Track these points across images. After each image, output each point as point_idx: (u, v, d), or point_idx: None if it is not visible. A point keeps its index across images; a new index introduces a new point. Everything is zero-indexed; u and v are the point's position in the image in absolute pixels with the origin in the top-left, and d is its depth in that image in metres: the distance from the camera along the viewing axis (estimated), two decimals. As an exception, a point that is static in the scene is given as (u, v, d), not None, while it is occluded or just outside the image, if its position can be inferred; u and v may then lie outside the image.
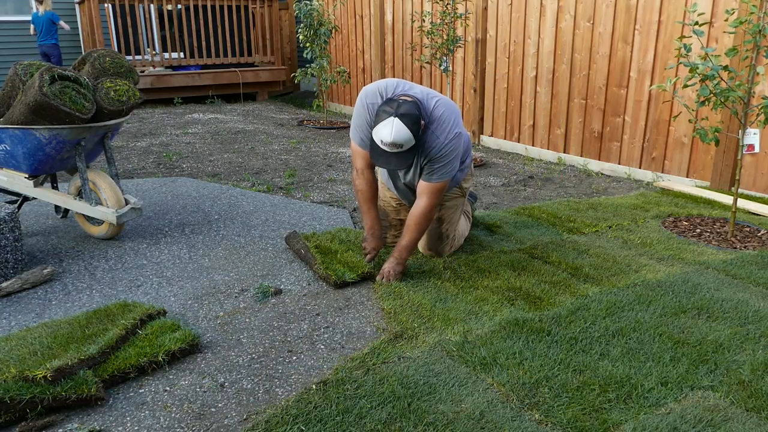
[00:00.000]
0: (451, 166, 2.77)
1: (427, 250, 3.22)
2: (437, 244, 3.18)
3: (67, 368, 2.00)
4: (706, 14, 4.42)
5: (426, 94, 2.78)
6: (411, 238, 2.87)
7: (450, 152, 2.73)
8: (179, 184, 4.73)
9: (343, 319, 2.58)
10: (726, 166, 4.46)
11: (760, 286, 2.87)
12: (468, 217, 3.45)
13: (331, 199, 4.36)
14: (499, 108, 6.33)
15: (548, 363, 2.18)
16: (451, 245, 3.22)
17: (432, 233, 3.15)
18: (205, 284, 2.92)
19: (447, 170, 2.77)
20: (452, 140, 2.72)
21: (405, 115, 2.56)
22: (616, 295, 2.72)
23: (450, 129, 2.72)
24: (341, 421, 1.87)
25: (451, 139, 2.71)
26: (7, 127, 3.10)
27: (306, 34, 7.32)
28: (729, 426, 1.85)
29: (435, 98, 2.78)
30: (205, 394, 2.05)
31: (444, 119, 2.72)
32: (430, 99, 2.77)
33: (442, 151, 2.72)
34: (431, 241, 3.18)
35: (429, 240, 3.18)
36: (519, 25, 5.89)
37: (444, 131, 2.71)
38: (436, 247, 3.19)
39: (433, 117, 2.73)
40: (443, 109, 2.74)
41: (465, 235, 3.36)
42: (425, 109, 2.72)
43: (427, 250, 3.22)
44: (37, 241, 3.47)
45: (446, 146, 2.71)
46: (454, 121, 2.74)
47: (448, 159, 2.74)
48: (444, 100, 2.80)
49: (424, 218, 2.83)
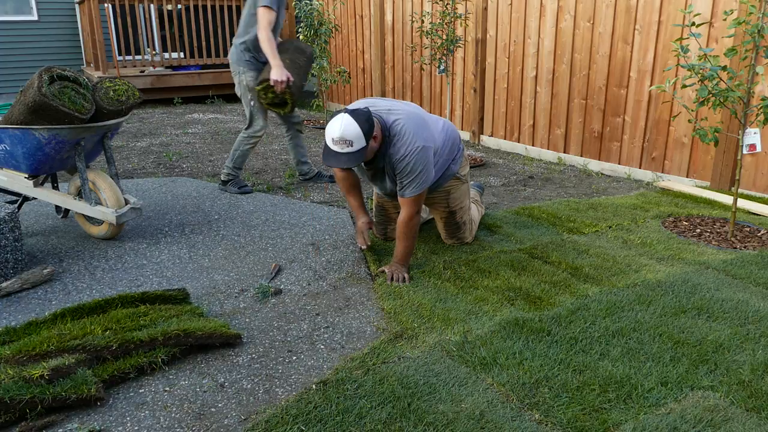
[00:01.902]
0: (421, 179, 2.78)
1: (449, 240, 3.37)
2: (457, 233, 3.33)
3: (64, 368, 2.00)
4: (705, 15, 4.42)
5: (388, 109, 2.82)
6: (404, 246, 2.94)
7: (415, 166, 2.74)
8: (179, 184, 4.73)
9: (343, 319, 2.58)
10: (726, 166, 4.46)
11: (760, 286, 2.87)
12: (479, 205, 3.60)
13: (331, 199, 4.36)
14: (499, 108, 6.33)
15: (548, 363, 2.18)
16: (471, 230, 3.37)
17: (449, 225, 3.31)
18: (205, 284, 2.92)
19: (418, 183, 2.78)
20: (415, 153, 2.73)
21: (355, 111, 2.60)
22: (616, 295, 2.72)
23: (411, 142, 2.73)
24: (341, 421, 1.87)
25: (412, 152, 2.72)
26: (7, 127, 3.10)
27: (306, 34, 7.31)
28: (729, 426, 1.85)
29: (397, 111, 2.80)
30: (205, 394, 2.05)
31: (404, 133, 2.74)
32: (391, 114, 2.79)
33: (407, 166, 2.74)
34: (450, 232, 3.34)
35: (448, 232, 3.34)
36: (519, 25, 5.89)
37: (405, 145, 2.73)
38: (456, 236, 3.34)
39: (393, 131, 2.76)
40: (403, 123, 2.76)
41: (478, 219, 3.49)
42: (385, 122, 2.76)
43: (449, 239, 3.37)
44: (37, 241, 3.47)
45: (410, 159, 2.73)
46: (414, 133, 2.74)
47: (416, 173, 2.76)
48: (406, 114, 2.80)
49: (407, 227, 2.90)
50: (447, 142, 3.07)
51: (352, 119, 2.59)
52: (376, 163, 2.85)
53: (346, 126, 2.58)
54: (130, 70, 8.85)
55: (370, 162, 2.86)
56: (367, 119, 2.63)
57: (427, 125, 2.87)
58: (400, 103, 2.93)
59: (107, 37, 9.38)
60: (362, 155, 2.64)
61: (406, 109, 2.85)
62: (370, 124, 2.63)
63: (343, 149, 2.62)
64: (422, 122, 2.84)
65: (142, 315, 2.40)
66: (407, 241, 2.92)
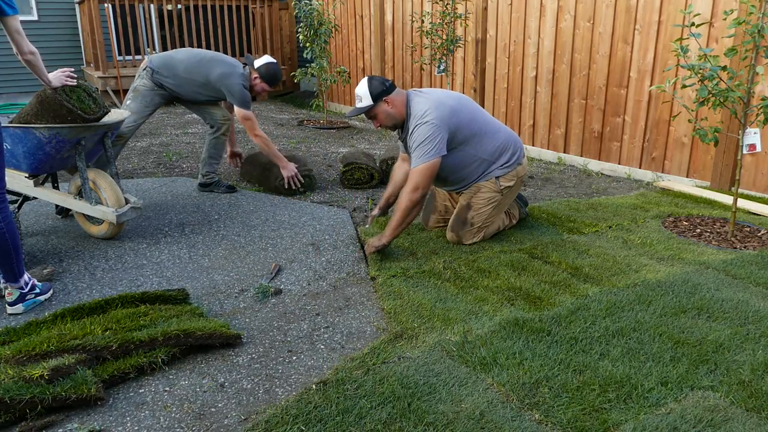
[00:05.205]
0: (423, 150, 3.04)
1: (450, 232, 3.40)
2: (459, 228, 3.37)
3: (64, 368, 2.00)
4: (705, 15, 4.42)
5: (420, 92, 3.22)
6: (395, 218, 3.11)
7: (418, 136, 3.07)
8: (179, 184, 4.73)
9: (343, 319, 2.58)
10: (726, 166, 4.46)
11: (760, 286, 2.87)
12: (507, 215, 3.61)
13: (331, 199, 4.36)
14: (499, 108, 6.33)
15: (548, 363, 2.18)
16: (474, 235, 3.38)
17: (458, 216, 3.37)
18: (205, 284, 2.92)
19: (420, 153, 3.06)
20: (419, 126, 3.08)
21: (373, 78, 3.15)
22: (616, 295, 2.72)
23: (421, 117, 3.08)
24: (341, 421, 1.86)
25: (418, 125, 3.08)
26: (8, 126, 3.10)
27: (306, 33, 7.31)
28: (729, 426, 1.85)
29: (424, 94, 3.20)
30: (205, 394, 2.05)
31: (416, 108, 3.13)
32: (419, 95, 3.19)
33: (412, 136, 3.11)
34: (455, 223, 3.39)
35: (453, 222, 3.40)
36: (519, 25, 5.89)
37: (414, 118, 3.11)
38: (457, 231, 3.38)
39: (410, 106, 3.17)
40: (421, 101, 3.14)
41: (493, 232, 3.50)
42: (409, 100, 3.18)
43: (450, 231, 3.40)
44: (37, 241, 3.47)
45: (415, 131, 3.09)
46: (425, 111, 3.08)
47: (418, 143, 3.06)
48: (433, 97, 3.16)
49: (405, 197, 3.08)
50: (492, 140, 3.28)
51: (366, 80, 3.14)
52: (404, 136, 3.27)
53: (361, 85, 3.15)
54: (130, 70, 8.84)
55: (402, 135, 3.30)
56: (381, 84, 3.12)
57: (447, 109, 3.12)
58: (440, 90, 3.30)
59: (107, 37, 9.37)
60: (365, 110, 3.15)
61: (434, 95, 3.19)
62: (382, 88, 3.11)
63: (357, 104, 3.18)
64: (440, 104, 3.11)
65: (142, 315, 2.40)
66: (399, 213, 3.09)
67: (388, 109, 3.16)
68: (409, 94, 3.20)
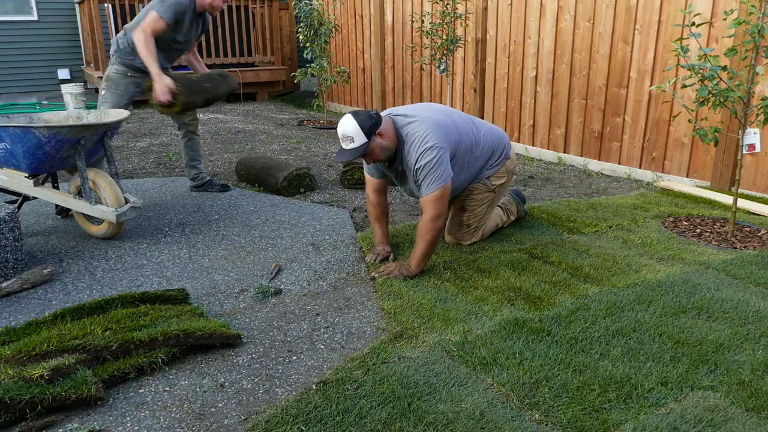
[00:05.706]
0: (433, 177, 2.85)
1: (448, 235, 3.42)
2: (456, 231, 3.37)
3: (64, 368, 2.00)
4: (705, 15, 4.42)
5: (405, 115, 2.98)
6: (420, 249, 2.94)
7: (426, 164, 2.85)
8: (179, 184, 4.73)
9: (343, 319, 2.58)
10: (726, 166, 4.46)
11: (760, 286, 2.87)
12: (505, 211, 3.60)
13: (331, 199, 4.36)
14: (499, 108, 6.33)
15: (548, 363, 2.18)
16: (472, 236, 3.39)
17: (453, 219, 3.38)
18: (205, 284, 2.92)
19: (430, 180, 2.86)
20: (424, 152, 2.85)
21: (357, 113, 2.83)
22: (616, 295, 2.72)
23: (421, 143, 2.86)
24: (341, 421, 1.86)
25: (422, 152, 2.85)
26: (7, 125, 3.10)
27: (306, 34, 7.32)
28: (729, 426, 1.85)
29: (412, 116, 2.95)
30: (205, 394, 2.05)
31: (414, 134, 2.89)
32: (406, 118, 2.95)
33: (418, 164, 2.87)
34: (451, 227, 3.39)
35: (449, 226, 3.39)
36: (519, 25, 5.89)
37: (414, 146, 2.87)
38: (455, 234, 3.38)
39: (404, 133, 2.92)
40: (415, 125, 2.91)
41: (491, 229, 3.50)
42: (399, 126, 2.93)
43: (448, 234, 3.42)
44: (37, 241, 3.46)
45: (420, 159, 2.86)
46: (425, 135, 2.86)
47: (428, 170, 2.86)
48: (422, 118, 2.94)
49: (425, 229, 2.92)
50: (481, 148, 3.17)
51: (351, 117, 2.80)
52: (396, 166, 3.01)
53: (347, 124, 2.80)
54: (130, 70, 8.83)
55: (392, 165, 3.02)
56: (369, 118, 2.81)
57: (445, 128, 2.94)
58: (423, 106, 3.08)
59: (107, 37, 9.36)
60: (363, 149, 2.81)
61: (424, 114, 2.96)
62: (372, 122, 2.80)
63: (347, 145, 2.83)
64: (437, 125, 2.92)
65: (142, 315, 2.40)
66: (422, 243, 2.92)
67: (382, 142, 2.87)
68: (394, 119, 2.96)
